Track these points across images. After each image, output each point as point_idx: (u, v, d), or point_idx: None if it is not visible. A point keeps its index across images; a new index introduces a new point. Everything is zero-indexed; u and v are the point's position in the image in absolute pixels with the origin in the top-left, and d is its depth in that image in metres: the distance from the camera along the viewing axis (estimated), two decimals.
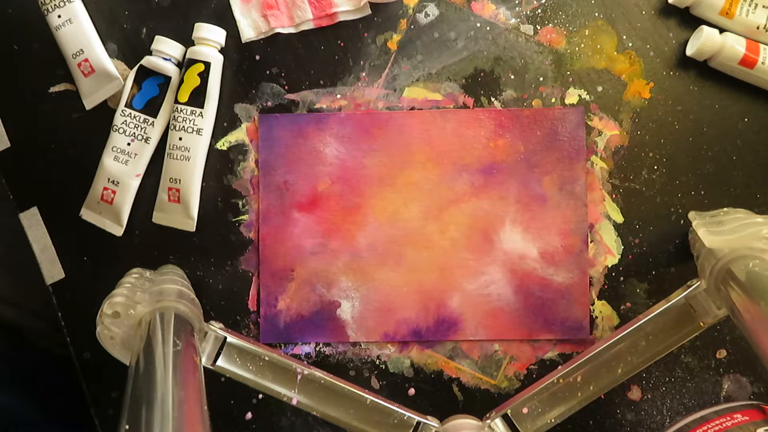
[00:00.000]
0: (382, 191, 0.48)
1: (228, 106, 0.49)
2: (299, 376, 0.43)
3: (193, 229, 0.48)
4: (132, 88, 0.48)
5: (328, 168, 0.48)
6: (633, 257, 0.47)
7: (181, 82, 0.47)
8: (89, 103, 0.48)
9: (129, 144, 0.47)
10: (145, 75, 0.48)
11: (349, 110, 0.48)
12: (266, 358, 0.43)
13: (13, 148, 0.49)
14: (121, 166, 0.47)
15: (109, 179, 0.47)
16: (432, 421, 0.43)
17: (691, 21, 0.47)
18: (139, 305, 0.38)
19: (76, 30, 0.47)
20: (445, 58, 0.48)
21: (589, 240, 0.47)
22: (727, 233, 0.40)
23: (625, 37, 0.47)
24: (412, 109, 0.48)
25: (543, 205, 0.48)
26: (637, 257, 0.47)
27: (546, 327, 0.47)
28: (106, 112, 0.48)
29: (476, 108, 0.48)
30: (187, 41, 0.48)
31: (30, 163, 0.49)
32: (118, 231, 0.48)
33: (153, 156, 0.48)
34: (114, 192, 0.48)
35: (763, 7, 0.45)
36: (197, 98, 0.47)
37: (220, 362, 0.43)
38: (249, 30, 0.48)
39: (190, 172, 0.47)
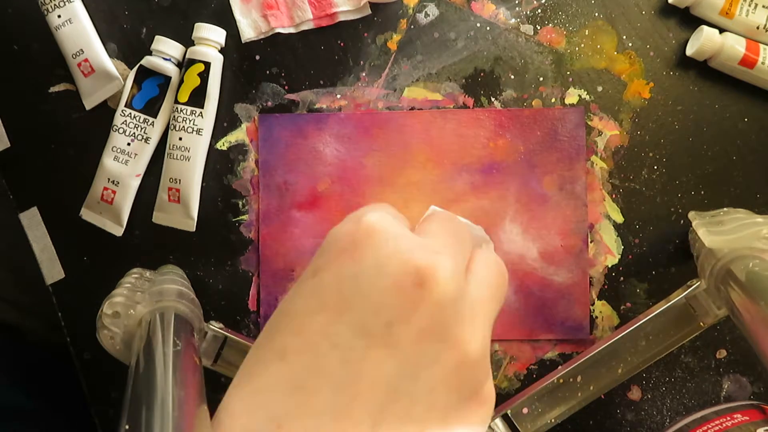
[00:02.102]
0: (382, 191, 0.48)
1: (228, 106, 0.49)
2: None
3: (193, 229, 0.48)
4: (132, 88, 0.48)
5: (328, 168, 0.48)
6: (633, 257, 0.47)
7: (181, 82, 0.47)
8: (89, 103, 0.48)
9: (129, 144, 0.47)
10: (145, 75, 0.48)
11: (349, 110, 0.48)
12: None
13: (13, 148, 0.49)
14: (121, 166, 0.47)
15: (109, 179, 0.47)
16: None
17: (691, 21, 0.47)
18: (139, 305, 0.38)
19: (76, 30, 0.47)
20: (445, 58, 0.48)
21: (589, 240, 0.47)
22: (727, 233, 0.40)
23: (625, 37, 0.47)
24: (412, 109, 0.48)
25: (543, 205, 0.48)
26: (637, 257, 0.47)
27: (546, 327, 0.47)
28: (106, 112, 0.48)
29: (476, 108, 0.48)
30: (187, 41, 0.48)
31: (30, 163, 0.49)
32: (118, 231, 0.48)
33: (153, 156, 0.48)
34: (114, 192, 0.48)
35: (763, 7, 0.45)
36: (197, 98, 0.47)
37: (220, 362, 0.43)
38: (249, 30, 0.48)
39: (190, 172, 0.47)
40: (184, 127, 0.47)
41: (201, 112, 0.47)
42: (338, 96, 0.48)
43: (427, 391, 0.23)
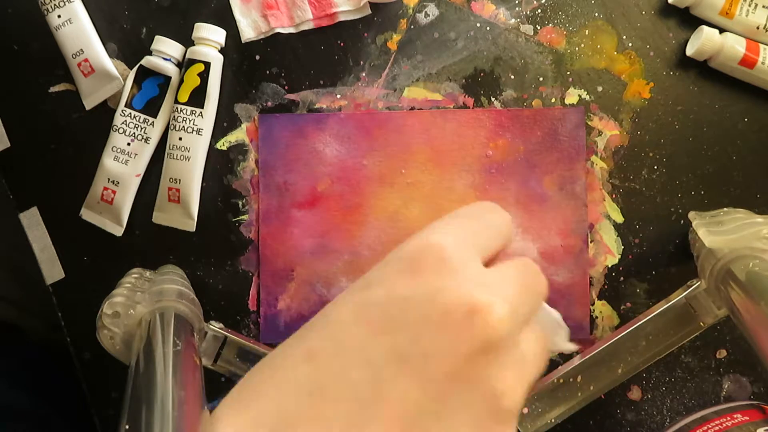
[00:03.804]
0: (382, 191, 0.48)
1: (228, 106, 0.49)
2: None
3: (193, 229, 0.48)
4: (132, 88, 0.48)
5: (328, 168, 0.48)
6: (633, 257, 0.47)
7: (181, 82, 0.47)
8: (89, 103, 0.48)
9: (129, 144, 0.47)
10: (145, 75, 0.48)
11: (349, 110, 0.48)
12: None
13: (13, 148, 0.49)
14: (121, 166, 0.47)
15: (109, 179, 0.47)
16: None
17: (691, 21, 0.47)
18: (139, 305, 0.38)
19: (76, 30, 0.47)
20: (445, 58, 0.48)
21: (589, 240, 0.47)
22: (727, 233, 0.40)
23: (625, 37, 0.47)
24: (412, 109, 0.48)
25: (543, 205, 0.48)
26: (637, 257, 0.47)
27: None
28: (106, 112, 0.48)
29: (476, 108, 0.48)
30: (187, 41, 0.48)
31: (30, 163, 0.49)
32: (118, 231, 0.48)
33: (153, 156, 0.48)
34: (114, 192, 0.48)
35: (763, 7, 0.45)
36: (197, 98, 0.47)
37: (220, 362, 0.43)
38: (249, 30, 0.48)
39: (190, 172, 0.47)
40: (184, 127, 0.47)
41: (201, 112, 0.47)
42: (338, 96, 0.48)
43: None
